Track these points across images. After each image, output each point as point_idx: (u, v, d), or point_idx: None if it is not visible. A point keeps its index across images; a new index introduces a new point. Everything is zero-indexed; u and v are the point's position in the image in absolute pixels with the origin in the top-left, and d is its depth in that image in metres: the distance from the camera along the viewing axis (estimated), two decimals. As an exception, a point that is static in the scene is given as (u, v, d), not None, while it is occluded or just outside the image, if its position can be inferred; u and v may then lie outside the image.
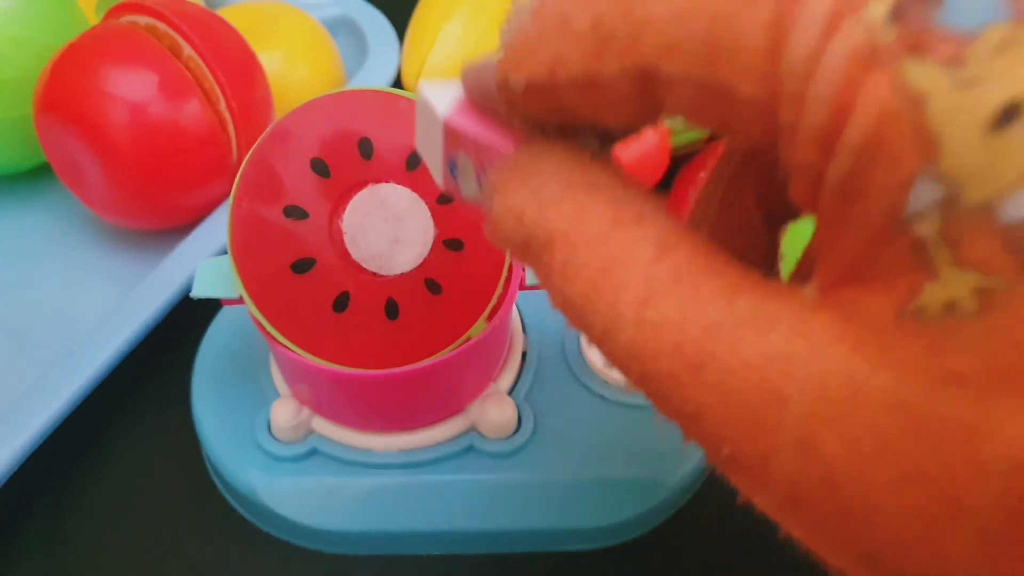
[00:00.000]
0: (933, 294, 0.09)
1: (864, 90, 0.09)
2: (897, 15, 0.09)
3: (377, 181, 0.23)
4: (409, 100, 0.24)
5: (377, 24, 0.43)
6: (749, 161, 0.16)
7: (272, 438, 0.26)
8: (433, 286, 0.23)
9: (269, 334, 0.23)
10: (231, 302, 0.24)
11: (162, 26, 0.31)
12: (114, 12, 0.33)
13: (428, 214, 0.23)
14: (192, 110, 0.31)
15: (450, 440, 0.26)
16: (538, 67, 0.12)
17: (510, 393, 0.27)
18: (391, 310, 0.23)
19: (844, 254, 0.10)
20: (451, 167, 0.16)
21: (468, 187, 0.15)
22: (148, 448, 0.29)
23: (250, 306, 0.23)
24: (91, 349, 0.28)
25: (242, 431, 0.26)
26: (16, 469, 0.26)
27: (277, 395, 0.27)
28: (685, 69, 0.11)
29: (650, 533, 0.26)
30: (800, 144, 0.10)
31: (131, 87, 0.30)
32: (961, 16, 0.09)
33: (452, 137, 0.15)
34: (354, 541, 0.26)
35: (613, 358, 0.12)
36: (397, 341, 0.23)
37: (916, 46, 0.09)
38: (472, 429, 0.26)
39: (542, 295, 0.26)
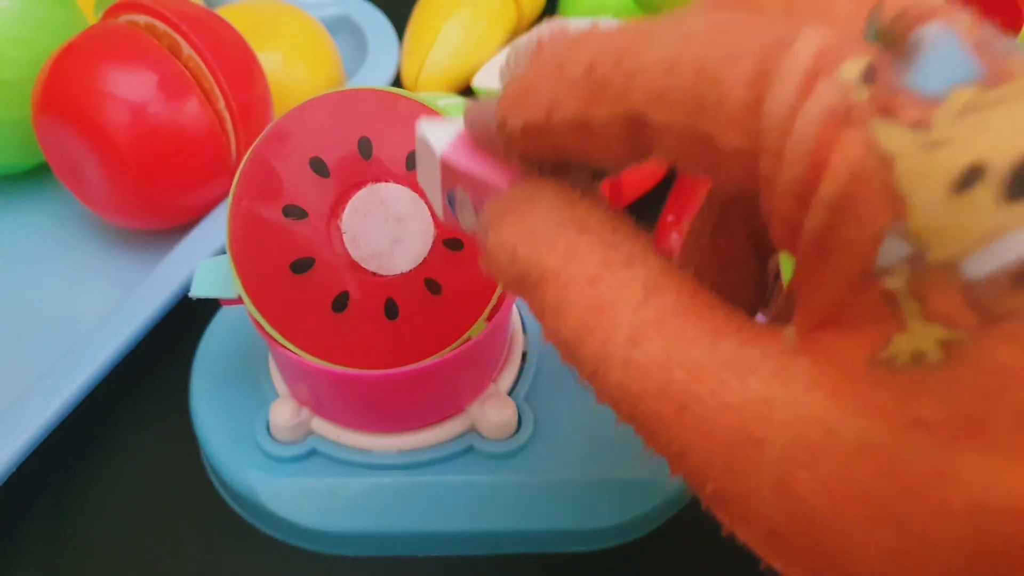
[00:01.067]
0: (902, 344, 0.10)
1: (837, 148, 0.10)
2: (869, 77, 0.10)
3: (377, 181, 0.23)
4: (409, 100, 0.24)
5: (377, 24, 0.43)
6: (738, 197, 0.16)
7: (271, 438, 0.26)
8: (433, 286, 0.23)
9: (268, 334, 0.23)
10: (230, 302, 0.24)
11: (161, 25, 0.31)
12: (113, 11, 0.33)
13: (428, 214, 0.23)
14: (191, 109, 0.31)
15: (450, 440, 0.26)
16: (535, 110, 0.13)
17: (510, 393, 0.27)
18: (391, 310, 0.23)
19: (821, 300, 0.11)
20: (450, 200, 0.16)
21: (467, 219, 0.16)
22: (147, 448, 0.29)
23: (249, 306, 0.23)
24: (90, 349, 0.28)
25: (241, 431, 0.26)
26: (16, 469, 0.26)
27: (276, 395, 0.27)
28: (672, 118, 0.11)
29: (650, 534, 0.26)
30: (778, 196, 0.11)
31: (130, 86, 0.30)
32: (929, 80, 0.10)
33: (449, 172, 0.16)
34: (353, 542, 0.25)
35: (603, 396, 0.13)
36: (397, 341, 0.23)
37: (886, 108, 0.10)
38: (472, 430, 0.26)
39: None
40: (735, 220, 0.16)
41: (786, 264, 0.17)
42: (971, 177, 0.09)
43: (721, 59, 0.11)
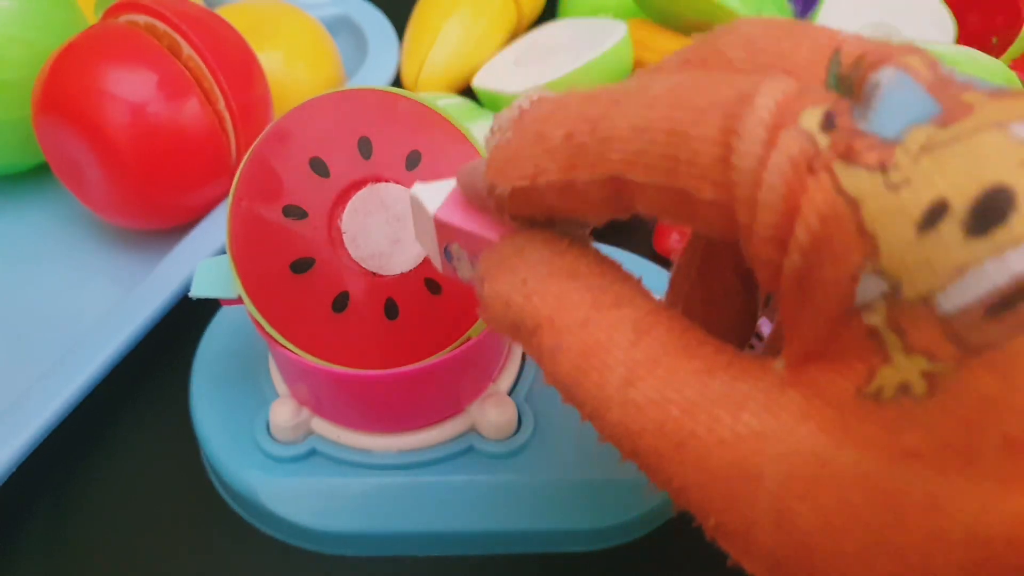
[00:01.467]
0: (888, 376, 0.10)
1: (806, 195, 0.10)
2: (828, 123, 0.10)
3: (377, 181, 0.23)
4: (409, 100, 0.24)
5: (377, 24, 0.43)
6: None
7: (271, 438, 0.26)
8: (433, 286, 0.23)
9: (268, 334, 0.23)
10: (230, 302, 0.24)
11: (161, 25, 0.31)
12: (113, 11, 0.33)
13: (428, 214, 0.23)
14: (191, 109, 0.31)
15: (450, 441, 0.26)
16: (520, 176, 0.14)
17: (510, 393, 0.27)
18: (391, 310, 0.23)
19: (806, 335, 0.11)
20: (447, 254, 0.17)
21: (464, 271, 0.17)
22: (147, 448, 0.29)
23: (249, 306, 0.23)
24: (90, 349, 0.28)
25: (241, 431, 0.26)
26: (16, 469, 0.26)
27: (276, 395, 0.27)
28: (648, 177, 0.12)
29: (650, 534, 0.26)
30: (756, 242, 0.11)
31: (130, 86, 0.30)
32: (886, 122, 0.10)
33: (444, 229, 0.17)
34: (353, 542, 0.25)
35: (604, 435, 0.13)
36: (397, 341, 0.23)
37: (847, 153, 0.10)
38: (472, 430, 0.26)
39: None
40: (722, 255, 0.17)
41: None
42: (935, 215, 0.09)
43: (688, 120, 0.11)
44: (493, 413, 0.25)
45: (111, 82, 0.30)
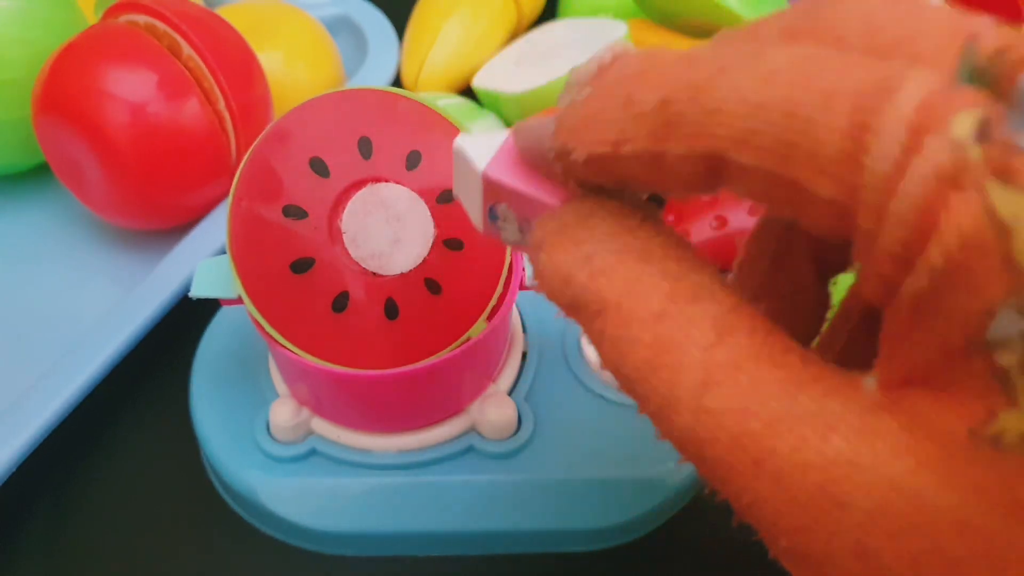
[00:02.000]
0: (1011, 421, 0.09)
1: (948, 213, 0.09)
2: (982, 134, 0.09)
3: (377, 181, 0.23)
4: (409, 100, 0.24)
5: (377, 23, 0.43)
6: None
7: (271, 438, 0.26)
8: (433, 286, 0.23)
9: (268, 334, 0.23)
10: (230, 302, 0.24)
11: (161, 25, 0.31)
12: (113, 11, 0.33)
13: (428, 214, 0.23)
14: (191, 109, 0.31)
15: (450, 440, 0.26)
16: (600, 142, 0.12)
17: (510, 393, 0.27)
18: (391, 310, 0.23)
19: (914, 360, 0.10)
20: (492, 214, 0.16)
21: (510, 234, 0.16)
22: (147, 448, 0.29)
23: (249, 306, 0.23)
24: (90, 349, 0.28)
25: (241, 431, 0.26)
26: (16, 469, 0.26)
27: (276, 395, 0.26)
28: (757, 160, 0.11)
29: (650, 534, 0.26)
30: (878, 254, 0.10)
31: (130, 86, 0.30)
32: None
33: (492, 188, 0.15)
34: (353, 542, 0.25)
35: (667, 436, 0.12)
36: (397, 341, 0.23)
37: (1004, 170, 0.09)
38: (472, 429, 0.26)
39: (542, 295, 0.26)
40: (799, 243, 0.15)
41: (837, 290, 0.16)
42: None
43: (813, 104, 0.10)
44: (493, 413, 0.25)
45: (111, 82, 0.30)
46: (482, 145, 0.15)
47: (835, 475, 0.10)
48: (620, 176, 0.13)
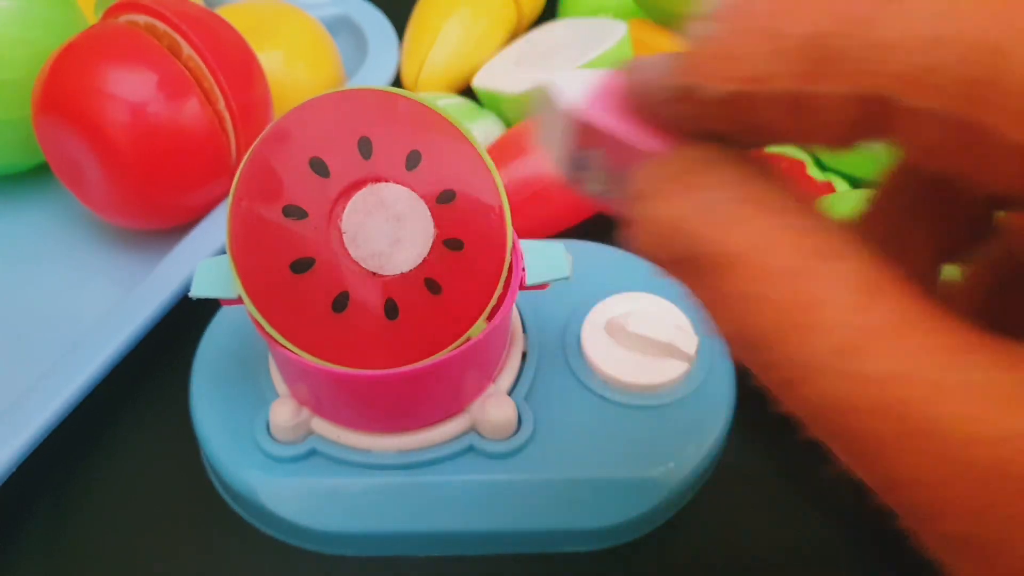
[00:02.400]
0: None
1: None
2: None
3: (377, 181, 0.23)
4: (409, 100, 0.24)
5: (377, 23, 0.43)
6: (934, 191, 0.14)
7: (271, 438, 0.26)
8: (433, 286, 0.23)
9: (268, 334, 0.23)
10: (230, 302, 0.24)
11: (161, 25, 0.31)
12: (113, 11, 0.33)
13: (428, 214, 0.23)
14: (191, 109, 0.31)
15: (450, 440, 0.26)
16: (738, 79, 0.11)
17: (510, 393, 0.27)
18: (391, 310, 0.23)
19: None
20: (577, 162, 0.14)
21: (595, 184, 0.14)
22: (147, 448, 0.29)
23: (249, 306, 0.23)
24: (90, 349, 0.28)
25: (241, 431, 0.26)
26: (16, 469, 0.26)
27: (276, 395, 0.26)
28: (934, 104, 0.09)
29: (650, 534, 0.26)
30: None
31: (130, 86, 0.30)
32: None
33: (587, 132, 0.14)
34: (353, 542, 0.25)
35: (798, 405, 0.11)
36: (397, 341, 0.23)
37: None
38: (472, 429, 0.26)
39: (542, 295, 0.26)
40: (920, 222, 0.14)
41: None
42: None
43: (1006, 35, 0.09)
44: (493, 413, 0.25)
45: (111, 82, 0.30)
46: (576, 85, 0.14)
47: (1013, 450, 0.09)
48: (752, 123, 0.11)
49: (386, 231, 0.23)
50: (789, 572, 0.26)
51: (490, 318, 0.24)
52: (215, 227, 0.33)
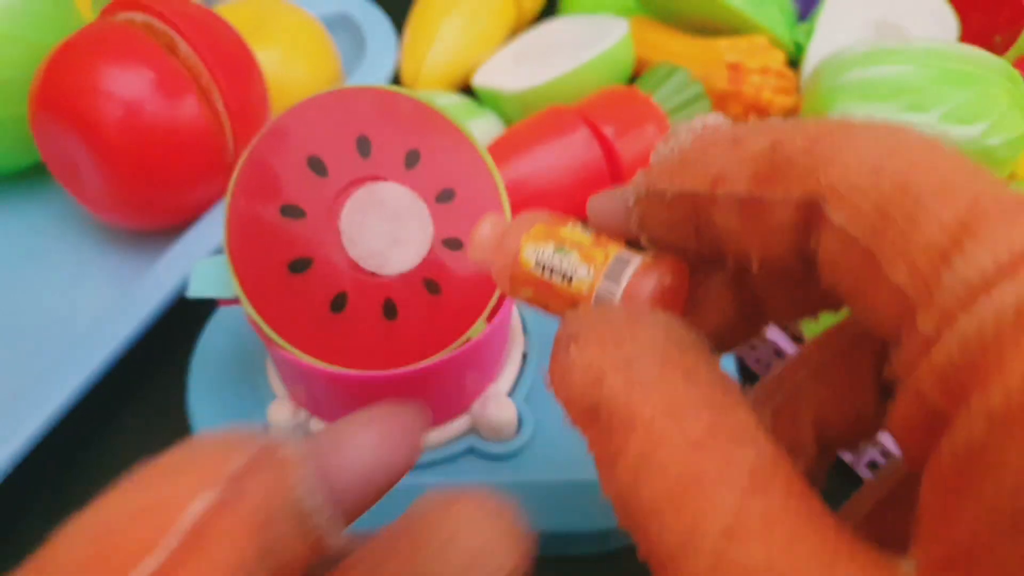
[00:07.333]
0: None
1: (1019, 351, 0.08)
2: None
3: (375, 180, 0.23)
4: (408, 98, 0.24)
5: (376, 22, 0.43)
6: (821, 374, 0.14)
7: (269, 440, 0.26)
8: (432, 286, 0.23)
9: (266, 335, 0.23)
10: (227, 302, 0.24)
11: (159, 23, 0.31)
12: (110, 9, 0.32)
13: (427, 213, 0.23)
14: (188, 108, 0.30)
15: (450, 442, 0.25)
16: (697, 179, 0.12)
17: (510, 394, 0.26)
18: (389, 310, 0.23)
19: (957, 537, 0.09)
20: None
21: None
22: (144, 449, 0.29)
23: (246, 306, 0.22)
24: (87, 349, 0.28)
25: (239, 433, 0.26)
26: (13, 469, 0.26)
27: (274, 396, 0.26)
28: (850, 221, 0.10)
29: None
30: (925, 370, 0.09)
31: (127, 85, 0.30)
32: None
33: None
34: (352, 544, 0.25)
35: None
36: (395, 342, 0.23)
37: None
38: (472, 431, 0.26)
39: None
40: (808, 403, 0.14)
41: (809, 326, 0.15)
42: None
43: (932, 185, 0.10)
44: (493, 414, 0.25)
45: (108, 80, 0.30)
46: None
47: None
48: (705, 225, 0.12)
49: (385, 231, 0.23)
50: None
51: (490, 318, 0.24)
52: (212, 226, 0.32)
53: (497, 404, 0.25)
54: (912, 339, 0.10)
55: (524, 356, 0.27)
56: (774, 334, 0.29)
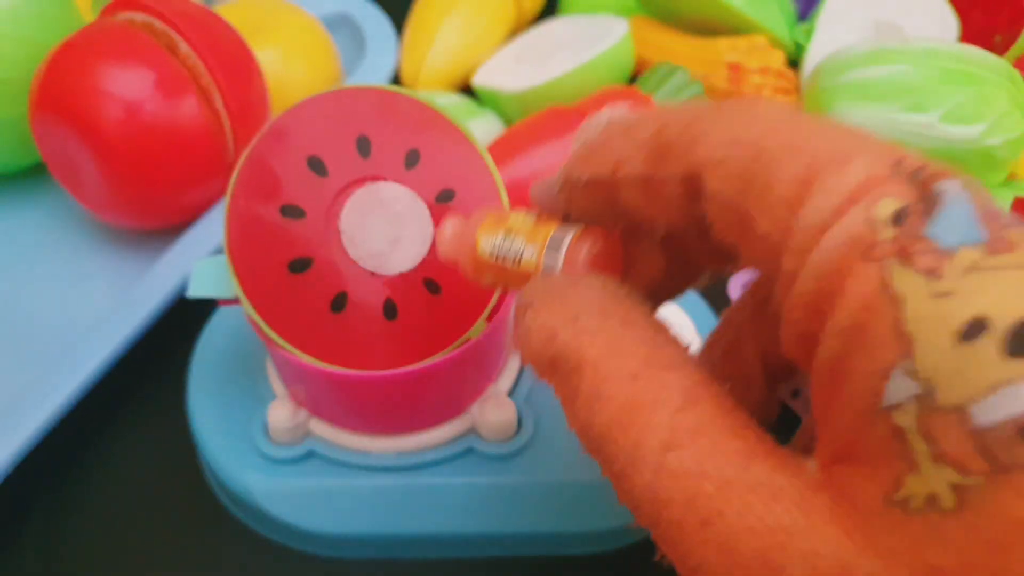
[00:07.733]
0: (916, 486, 0.10)
1: (853, 278, 0.11)
2: (899, 218, 0.11)
3: (375, 179, 0.23)
4: (408, 98, 0.24)
5: (375, 21, 0.43)
6: (756, 314, 0.17)
7: (269, 440, 0.26)
8: (432, 286, 0.23)
9: (266, 335, 0.23)
10: (227, 302, 0.24)
11: (159, 23, 0.31)
12: (110, 9, 0.32)
13: (427, 213, 0.23)
14: (188, 108, 0.30)
15: (449, 442, 0.25)
16: (601, 165, 0.14)
17: (510, 394, 0.26)
18: (389, 310, 0.23)
19: (835, 431, 0.11)
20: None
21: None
22: (144, 450, 0.29)
23: (246, 306, 0.22)
24: (86, 350, 0.28)
25: (238, 433, 0.26)
26: (13, 470, 0.26)
27: (274, 396, 0.26)
28: (723, 186, 0.12)
29: (651, 537, 0.26)
30: (793, 300, 0.11)
31: (127, 84, 0.30)
32: (945, 233, 0.10)
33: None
34: (351, 544, 0.25)
35: (626, 497, 0.13)
36: (396, 342, 0.23)
37: (904, 252, 0.10)
38: (472, 431, 0.26)
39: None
40: (749, 339, 0.17)
41: None
42: (975, 329, 0.10)
43: (779, 148, 0.12)
44: (493, 414, 0.25)
45: (108, 80, 0.30)
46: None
47: (774, 541, 0.11)
48: (615, 200, 0.14)
49: (385, 231, 0.23)
50: None
51: (490, 318, 0.24)
52: (212, 226, 0.32)
53: (497, 404, 0.25)
54: (782, 277, 0.12)
55: (524, 356, 0.27)
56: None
